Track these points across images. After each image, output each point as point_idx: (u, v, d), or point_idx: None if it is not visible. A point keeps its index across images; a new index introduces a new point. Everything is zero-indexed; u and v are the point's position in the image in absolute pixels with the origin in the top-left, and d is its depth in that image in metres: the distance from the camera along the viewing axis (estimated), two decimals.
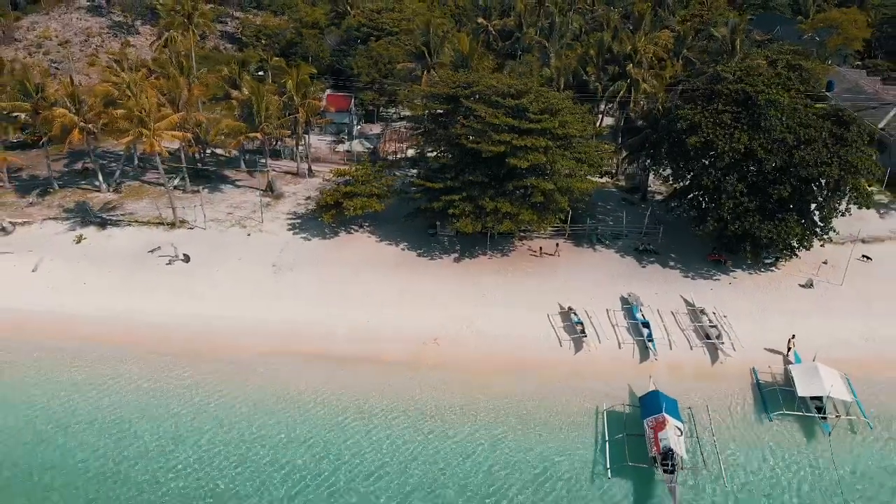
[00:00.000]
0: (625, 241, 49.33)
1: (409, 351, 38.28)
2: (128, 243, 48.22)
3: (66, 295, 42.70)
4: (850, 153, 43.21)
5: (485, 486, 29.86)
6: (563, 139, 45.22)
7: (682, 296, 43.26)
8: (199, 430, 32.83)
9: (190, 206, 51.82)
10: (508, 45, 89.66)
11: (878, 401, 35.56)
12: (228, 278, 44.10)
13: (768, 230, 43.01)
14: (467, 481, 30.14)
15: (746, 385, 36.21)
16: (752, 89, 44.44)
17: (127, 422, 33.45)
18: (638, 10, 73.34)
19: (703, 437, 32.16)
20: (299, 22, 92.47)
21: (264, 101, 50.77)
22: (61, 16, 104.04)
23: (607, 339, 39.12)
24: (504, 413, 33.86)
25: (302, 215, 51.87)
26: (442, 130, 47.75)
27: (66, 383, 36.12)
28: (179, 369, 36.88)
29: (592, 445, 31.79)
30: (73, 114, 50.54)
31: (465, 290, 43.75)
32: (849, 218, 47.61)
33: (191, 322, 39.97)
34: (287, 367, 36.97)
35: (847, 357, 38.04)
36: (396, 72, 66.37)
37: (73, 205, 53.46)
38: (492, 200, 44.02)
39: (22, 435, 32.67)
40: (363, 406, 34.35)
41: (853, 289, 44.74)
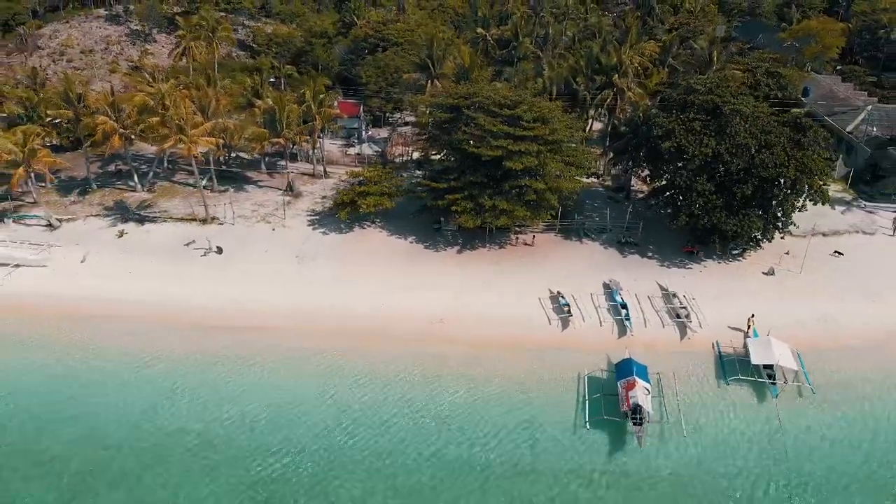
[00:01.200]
0: (609, 235, 55.37)
1: (419, 329, 44.22)
2: (165, 237, 54.21)
3: (115, 282, 48.59)
4: (805, 156, 49.24)
5: (482, 432, 35.89)
6: (553, 144, 51.14)
7: (658, 282, 49.30)
8: (238, 387, 38.86)
9: (218, 205, 57.79)
10: (506, 53, 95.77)
11: (824, 371, 41.46)
12: (258, 267, 50.10)
13: (733, 224, 49.08)
14: (467, 427, 36.17)
15: (709, 356, 42.24)
16: (720, 100, 50.44)
17: (176, 383, 39.44)
18: (626, 23, 78.93)
19: (669, 397, 38.16)
20: (308, 31, 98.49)
21: (286, 110, 56.67)
22: (81, 24, 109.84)
23: (590, 319, 45.16)
24: (500, 377, 39.86)
25: (320, 212, 57.87)
26: (445, 136, 53.63)
27: (119, 352, 42.04)
28: (220, 342, 42.78)
29: (574, 403, 37.81)
30: (113, 121, 56.41)
31: (466, 277, 49.76)
32: (813, 214, 53.96)
33: (228, 304, 45.93)
34: (311, 340, 42.82)
35: (800, 334, 44.04)
36: (402, 81, 72.29)
37: (111, 203, 59.47)
38: (490, 199, 49.95)
39: (92, 387, 38.61)
40: (378, 372, 40.31)
41: (810, 276, 50.75)
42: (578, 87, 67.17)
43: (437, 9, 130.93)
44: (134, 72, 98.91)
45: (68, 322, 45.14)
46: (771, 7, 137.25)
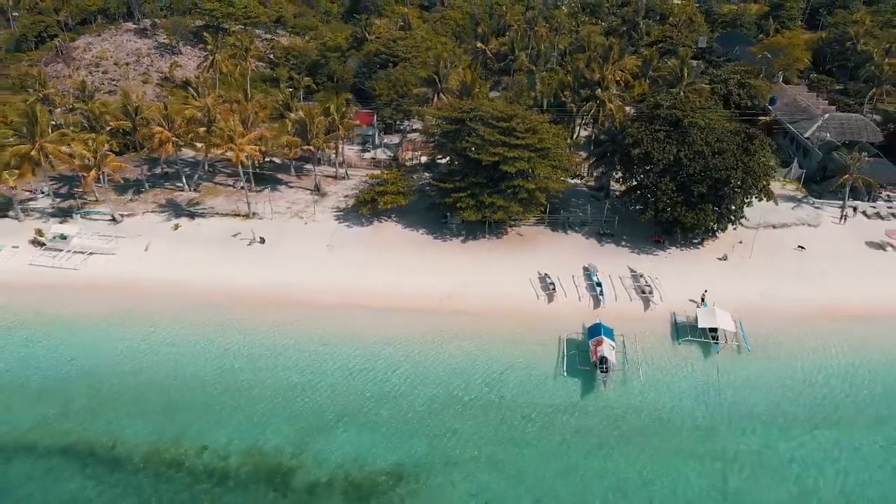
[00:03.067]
0: (589, 227, 65.74)
1: (430, 304, 54.42)
2: (214, 230, 64.57)
3: (176, 266, 58.92)
4: (752, 161, 59.58)
5: (482, 377, 46.26)
6: (542, 151, 61.41)
7: (628, 265, 59.66)
8: (283, 346, 49.21)
9: (257, 202, 68.10)
10: (503, 65, 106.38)
11: (761, 336, 51.76)
12: (295, 254, 60.44)
13: (692, 217, 59.47)
14: (471, 376, 46.52)
15: (666, 323, 52.61)
16: (681, 113, 60.78)
17: (231, 341, 49.84)
18: (609, 42, 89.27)
19: (631, 352, 48.51)
20: (323, 45, 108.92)
21: (315, 121, 67.00)
22: (112, 38, 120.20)
23: (571, 294, 55.53)
24: (497, 339, 50.11)
25: (344, 209, 68.26)
26: (451, 143, 63.91)
27: (188, 323, 52.27)
28: (264, 315, 52.98)
29: (555, 357, 48.17)
30: (167, 130, 66.75)
31: (469, 262, 60.15)
32: (767, 209, 64.41)
33: (271, 283, 56.22)
34: (341, 313, 53.00)
35: (745, 307, 54.33)
36: (411, 93, 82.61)
37: (163, 201, 69.83)
38: (489, 197, 60.20)
39: (168, 349, 48.92)
40: (399, 333, 50.62)
41: (758, 261, 61.15)
42: (566, 99, 77.56)
43: (440, 20, 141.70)
44: (165, 82, 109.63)
45: (139, 298, 55.33)
46: (752, 19, 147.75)
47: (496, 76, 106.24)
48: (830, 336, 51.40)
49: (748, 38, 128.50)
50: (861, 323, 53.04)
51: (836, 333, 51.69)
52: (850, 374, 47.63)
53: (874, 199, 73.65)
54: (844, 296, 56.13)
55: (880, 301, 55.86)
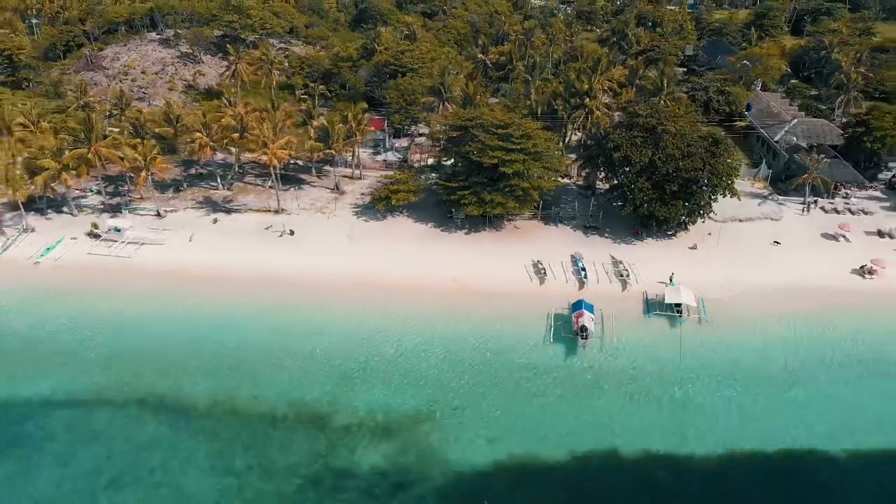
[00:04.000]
0: (577, 221, 75.52)
1: (440, 285, 64.06)
2: (248, 224, 74.31)
3: (217, 254, 68.53)
4: (717, 162, 69.30)
5: (484, 343, 55.91)
6: (535, 154, 71.05)
7: (610, 253, 69.40)
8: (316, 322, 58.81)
9: (284, 200, 77.77)
10: (502, 73, 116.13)
11: (719, 311, 61.38)
12: (321, 244, 70.18)
13: (665, 212, 69.19)
14: (474, 341, 56.20)
15: (639, 301, 62.33)
16: (655, 121, 70.45)
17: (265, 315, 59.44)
18: (599, 56, 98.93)
19: (608, 323, 58.19)
20: (336, 56, 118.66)
21: (336, 128, 76.70)
22: (138, 47, 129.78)
23: (559, 278, 65.25)
24: (496, 313, 59.68)
25: (361, 205, 78.03)
26: (455, 147, 73.63)
27: (233, 300, 61.88)
28: (299, 294, 62.58)
29: (544, 327, 57.89)
30: (205, 136, 76.46)
31: (472, 251, 69.88)
32: (737, 205, 74.21)
33: (302, 269, 65.85)
34: (363, 292, 62.56)
35: (709, 287, 63.94)
36: (419, 101, 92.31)
37: (201, 198, 79.59)
38: (489, 194, 69.76)
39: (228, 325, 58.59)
40: (412, 309, 60.26)
41: (723, 250, 70.90)
42: (558, 107, 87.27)
43: (442, 29, 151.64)
44: (189, 90, 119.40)
45: (188, 281, 64.92)
46: (737, 27, 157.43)
47: (496, 83, 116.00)
48: (777, 312, 61.16)
49: (730, 47, 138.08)
50: (806, 302, 62.75)
51: (782, 310, 61.40)
52: (786, 341, 57.34)
53: (833, 195, 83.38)
54: (795, 279, 65.87)
55: (826, 283, 65.60)
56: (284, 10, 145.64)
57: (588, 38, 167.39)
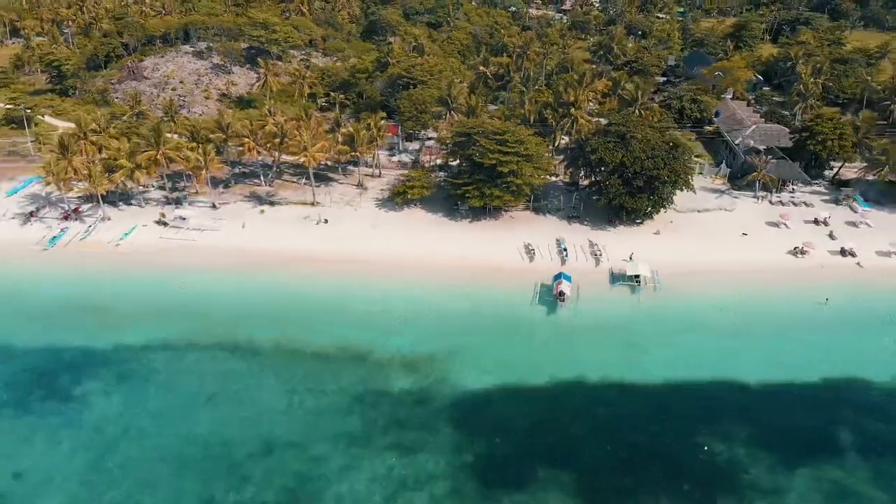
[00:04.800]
0: (562, 211, 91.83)
1: (448, 262, 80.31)
2: (290, 214, 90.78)
3: (266, 238, 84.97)
4: (675, 163, 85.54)
5: (484, 305, 72.15)
6: (527, 156, 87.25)
7: (588, 238, 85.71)
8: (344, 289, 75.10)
9: (317, 194, 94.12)
10: (501, 84, 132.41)
11: (670, 281, 77.52)
12: (350, 231, 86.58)
13: (632, 203, 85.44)
14: (477, 303, 72.42)
15: (607, 274, 78.65)
16: (625, 129, 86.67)
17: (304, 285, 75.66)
18: (583, 70, 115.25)
19: (582, 290, 74.49)
20: (353, 68, 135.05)
21: (361, 134, 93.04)
22: (174, 59, 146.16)
23: (546, 257, 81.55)
24: (494, 283, 75.96)
25: (382, 199, 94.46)
26: (460, 150, 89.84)
27: (282, 272, 78.19)
28: (334, 268, 78.93)
29: (531, 294, 74.26)
30: (252, 141, 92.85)
31: (474, 235, 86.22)
32: (697, 198, 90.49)
33: (335, 250, 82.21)
34: (384, 268, 78.89)
35: (667, 264, 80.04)
36: (429, 110, 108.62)
37: (248, 193, 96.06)
38: (489, 189, 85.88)
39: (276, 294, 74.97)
40: (425, 280, 76.55)
41: (682, 234, 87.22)
42: (548, 116, 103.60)
43: (447, 41, 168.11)
44: (223, 98, 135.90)
45: (244, 259, 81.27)
46: (718, 38, 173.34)
47: (495, 92, 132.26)
48: (720, 282, 77.41)
49: (708, 58, 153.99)
50: (746, 275, 79.00)
51: (725, 281, 77.65)
52: (723, 304, 73.56)
53: (780, 190, 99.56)
54: (739, 258, 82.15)
55: (764, 261, 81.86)
56: (304, 23, 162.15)
57: (582, 46, 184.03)
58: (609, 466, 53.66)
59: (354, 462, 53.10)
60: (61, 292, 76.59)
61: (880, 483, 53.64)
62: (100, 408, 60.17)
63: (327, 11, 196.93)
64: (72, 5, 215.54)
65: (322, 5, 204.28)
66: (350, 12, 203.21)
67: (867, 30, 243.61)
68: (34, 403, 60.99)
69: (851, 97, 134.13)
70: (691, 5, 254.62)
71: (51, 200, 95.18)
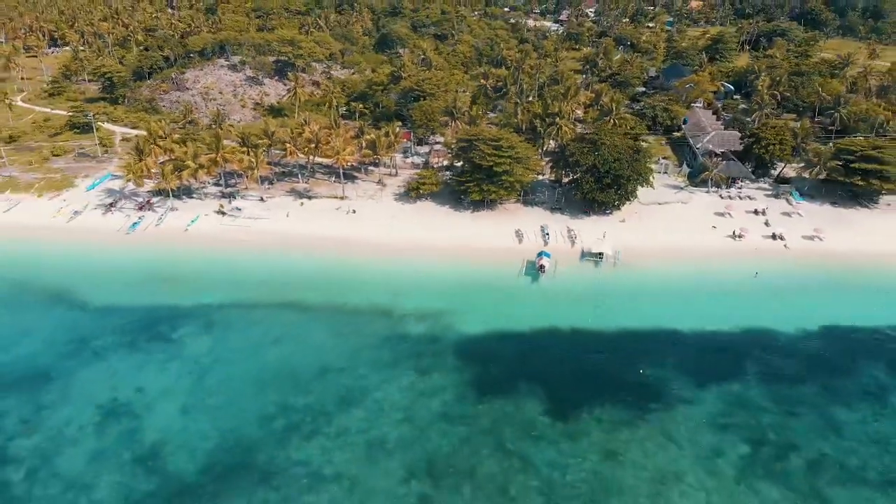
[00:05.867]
0: (547, 204, 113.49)
1: (454, 244, 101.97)
2: (324, 206, 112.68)
3: (306, 224, 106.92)
4: (638, 164, 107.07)
5: (482, 277, 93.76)
6: (518, 158, 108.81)
7: (567, 225, 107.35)
8: (378, 264, 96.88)
9: (345, 190, 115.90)
10: (499, 95, 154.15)
11: (630, 258, 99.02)
12: (374, 220, 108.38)
13: (602, 197, 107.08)
14: (476, 275, 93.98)
15: (578, 252, 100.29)
16: (597, 137, 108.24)
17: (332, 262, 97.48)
18: (569, 85, 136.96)
19: (558, 265, 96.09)
20: (370, 81, 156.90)
21: (381, 140, 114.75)
22: (212, 72, 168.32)
23: (533, 240, 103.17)
24: (490, 260, 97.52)
25: (399, 194, 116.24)
26: (464, 154, 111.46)
27: (321, 251, 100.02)
28: (362, 249, 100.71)
29: (519, 268, 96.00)
30: (293, 146, 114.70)
31: (475, 224, 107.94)
32: (659, 193, 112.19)
33: (362, 235, 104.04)
34: (401, 249, 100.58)
35: (627, 244, 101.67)
36: (437, 119, 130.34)
37: (289, 189, 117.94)
38: (487, 185, 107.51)
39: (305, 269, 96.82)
40: (434, 259, 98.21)
41: (645, 223, 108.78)
42: (537, 124, 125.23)
43: (451, 53, 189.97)
44: (257, 107, 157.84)
45: (290, 241, 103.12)
46: (696, 51, 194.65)
47: (494, 101, 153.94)
48: (671, 259, 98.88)
49: (683, 70, 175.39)
50: (693, 253, 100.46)
51: (675, 257, 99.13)
52: (671, 274, 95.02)
53: (729, 186, 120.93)
54: (689, 240, 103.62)
55: (709, 243, 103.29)
56: (324, 39, 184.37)
57: (575, 56, 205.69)
58: (570, 383, 75.11)
59: (386, 379, 74.82)
60: (146, 266, 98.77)
61: (771, 397, 74.68)
62: (193, 346, 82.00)
63: (342, 25, 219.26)
64: (108, 18, 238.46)
65: (338, 18, 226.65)
66: (363, 25, 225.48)
67: (844, 38, 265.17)
68: (142, 344, 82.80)
69: (807, 105, 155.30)
70: (679, 16, 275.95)
71: (125, 194, 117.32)
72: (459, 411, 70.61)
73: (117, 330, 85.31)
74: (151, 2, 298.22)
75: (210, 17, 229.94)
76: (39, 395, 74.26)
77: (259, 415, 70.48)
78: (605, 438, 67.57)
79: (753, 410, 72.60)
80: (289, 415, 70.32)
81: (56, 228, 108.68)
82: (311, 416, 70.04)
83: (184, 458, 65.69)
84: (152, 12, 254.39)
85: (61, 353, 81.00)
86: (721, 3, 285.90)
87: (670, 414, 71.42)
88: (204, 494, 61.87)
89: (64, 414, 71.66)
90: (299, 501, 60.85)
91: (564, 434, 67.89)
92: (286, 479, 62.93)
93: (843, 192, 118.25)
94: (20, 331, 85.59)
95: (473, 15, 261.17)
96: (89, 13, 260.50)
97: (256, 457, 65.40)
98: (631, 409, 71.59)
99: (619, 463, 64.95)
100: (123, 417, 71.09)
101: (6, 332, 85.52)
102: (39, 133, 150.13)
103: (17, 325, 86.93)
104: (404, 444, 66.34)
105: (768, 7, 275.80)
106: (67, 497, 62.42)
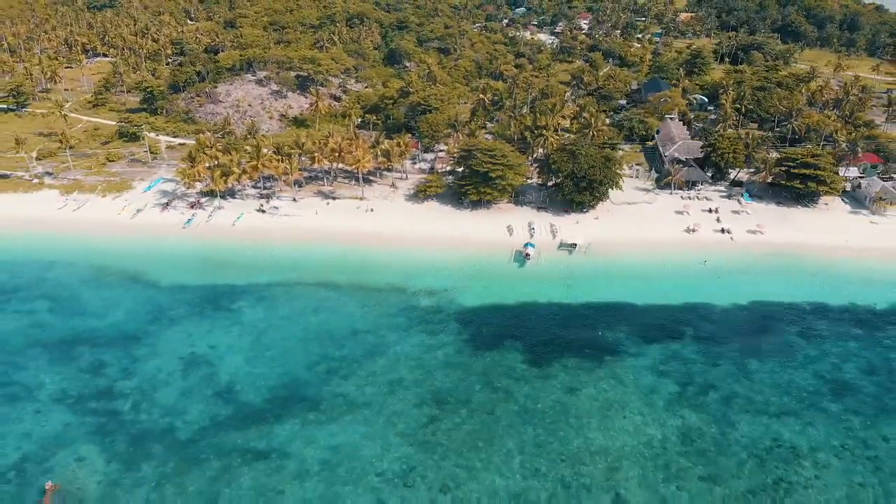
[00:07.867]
0: (534, 204, 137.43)
1: (453, 237, 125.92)
2: (347, 205, 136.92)
3: (333, 221, 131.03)
4: (609, 171, 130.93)
5: (478, 264, 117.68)
6: (509, 165, 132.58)
7: (550, 221, 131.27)
8: (382, 257, 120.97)
9: (363, 192, 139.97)
10: (496, 108, 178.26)
11: (600, 249, 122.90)
12: (389, 217, 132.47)
13: (580, 198, 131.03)
14: (473, 263, 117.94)
15: (557, 243, 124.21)
16: (575, 148, 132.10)
17: (350, 252, 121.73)
18: (555, 101, 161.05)
19: (541, 254, 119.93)
20: (382, 95, 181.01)
21: (395, 149, 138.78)
22: (241, 86, 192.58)
23: (521, 233, 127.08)
24: (485, 251, 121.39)
25: (409, 195, 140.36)
26: (464, 161, 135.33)
27: (345, 243, 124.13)
28: (379, 240, 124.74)
29: (510, 256, 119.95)
30: (320, 154, 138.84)
31: (473, 221, 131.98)
32: (628, 194, 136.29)
33: (379, 229, 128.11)
34: (411, 240, 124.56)
35: (599, 237, 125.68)
36: (441, 131, 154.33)
37: (316, 190, 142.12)
38: (483, 187, 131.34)
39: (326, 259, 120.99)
40: (438, 249, 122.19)
41: (616, 218, 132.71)
42: (527, 135, 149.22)
43: (453, 67, 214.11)
44: (283, 118, 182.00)
45: (319, 234, 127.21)
46: (675, 67, 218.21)
47: (491, 113, 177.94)
48: (634, 250, 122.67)
49: (662, 84, 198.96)
50: (653, 246, 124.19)
51: (637, 248, 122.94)
52: (634, 262, 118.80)
53: (689, 189, 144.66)
54: (651, 234, 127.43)
55: (668, 236, 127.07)
56: (339, 55, 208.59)
57: (567, 69, 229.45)
58: (544, 342, 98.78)
59: (402, 338, 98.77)
60: (203, 254, 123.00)
61: (700, 352, 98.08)
62: (250, 315, 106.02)
63: (354, 40, 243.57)
64: (138, 34, 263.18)
65: (350, 34, 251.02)
66: (373, 40, 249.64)
67: (822, 49, 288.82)
68: (209, 313, 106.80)
69: (769, 117, 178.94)
70: (668, 28, 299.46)
71: (177, 195, 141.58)
72: (458, 360, 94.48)
73: (186, 303, 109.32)
74: (172, 14, 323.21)
75: (230, 31, 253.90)
76: (133, 351, 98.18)
77: (306, 362, 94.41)
78: (568, 379, 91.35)
79: (685, 362, 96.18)
80: (329, 362, 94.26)
81: (123, 224, 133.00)
82: (346, 364, 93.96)
83: (252, 392, 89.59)
84: (175, 26, 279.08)
85: (145, 320, 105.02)
86: (708, 15, 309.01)
87: (620, 363, 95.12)
88: (270, 416, 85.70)
89: (155, 364, 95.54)
90: (341, 420, 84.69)
91: (538, 376, 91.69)
92: (330, 405, 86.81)
93: (788, 194, 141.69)
94: (109, 304, 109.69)
95: (474, 28, 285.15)
96: (117, 27, 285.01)
97: (306, 391, 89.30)
98: (590, 359, 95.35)
99: (578, 396, 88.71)
100: (202, 365, 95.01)
101: (99, 304, 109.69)
102: (92, 141, 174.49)
103: (106, 299, 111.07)
104: (417, 382, 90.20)
105: (752, 20, 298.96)
106: (167, 419, 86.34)
